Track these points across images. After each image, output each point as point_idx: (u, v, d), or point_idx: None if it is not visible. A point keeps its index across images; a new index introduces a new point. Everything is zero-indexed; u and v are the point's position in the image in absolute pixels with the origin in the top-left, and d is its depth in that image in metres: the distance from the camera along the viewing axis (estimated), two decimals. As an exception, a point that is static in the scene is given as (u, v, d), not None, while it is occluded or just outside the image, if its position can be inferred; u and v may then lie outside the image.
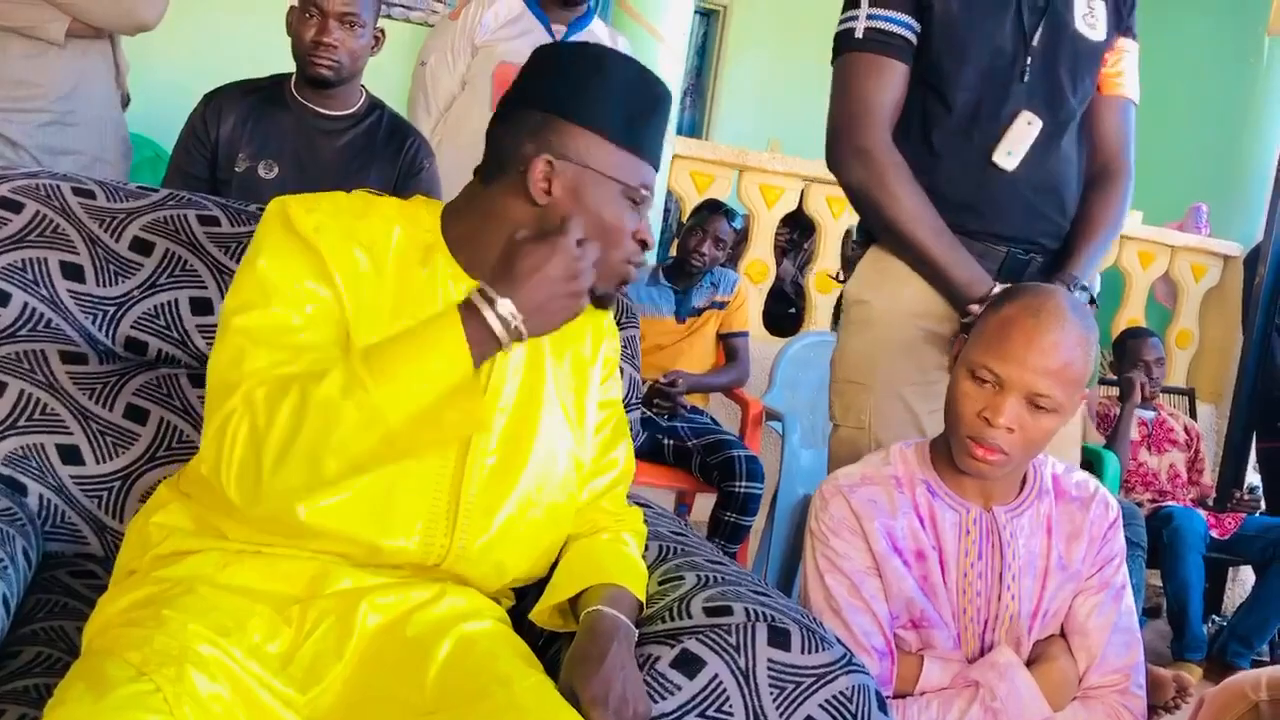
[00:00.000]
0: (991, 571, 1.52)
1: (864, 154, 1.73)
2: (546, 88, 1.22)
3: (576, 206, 1.19)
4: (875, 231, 1.82)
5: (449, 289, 1.21)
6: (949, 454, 1.52)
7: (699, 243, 3.39)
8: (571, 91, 1.21)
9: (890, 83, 1.74)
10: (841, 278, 1.96)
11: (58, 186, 1.50)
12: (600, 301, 1.26)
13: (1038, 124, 1.74)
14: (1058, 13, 1.77)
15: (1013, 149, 1.73)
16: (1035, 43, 1.74)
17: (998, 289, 1.69)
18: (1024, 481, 1.56)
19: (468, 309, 1.10)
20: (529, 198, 1.19)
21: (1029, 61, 1.74)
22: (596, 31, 2.73)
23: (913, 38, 1.73)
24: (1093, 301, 1.80)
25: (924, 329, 1.76)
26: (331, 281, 1.15)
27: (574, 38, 2.64)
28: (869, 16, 1.74)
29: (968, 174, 1.75)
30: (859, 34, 1.74)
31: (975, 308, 1.66)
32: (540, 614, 1.27)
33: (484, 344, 1.10)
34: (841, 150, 1.77)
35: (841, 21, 1.78)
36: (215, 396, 1.12)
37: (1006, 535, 1.52)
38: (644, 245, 1.25)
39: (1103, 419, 3.84)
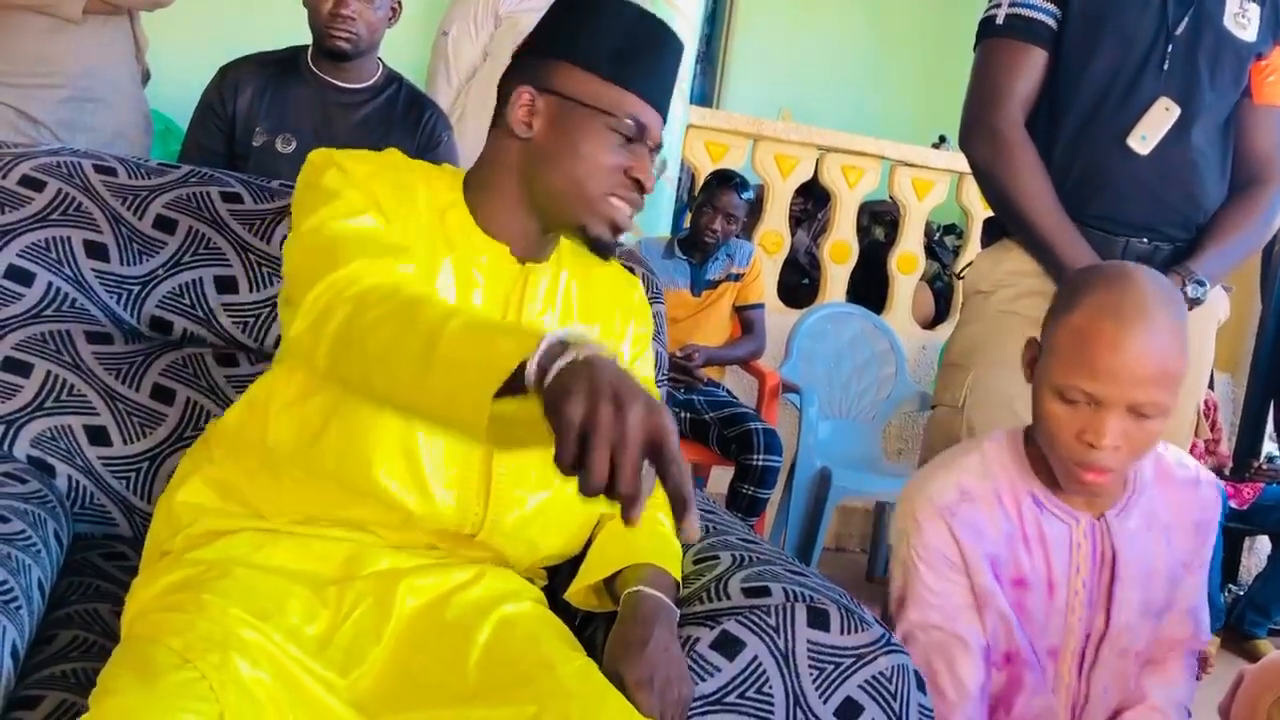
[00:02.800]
0: (1100, 586, 1.38)
1: (992, 132, 1.77)
2: (542, 30, 1.24)
3: (556, 138, 1.18)
4: (997, 212, 1.85)
5: (465, 242, 1.20)
6: (1047, 462, 1.37)
7: (710, 219, 3.36)
8: (562, 30, 1.22)
9: (1027, 68, 1.77)
10: (961, 273, 2.00)
11: (79, 164, 1.48)
12: (596, 246, 1.21)
13: (1175, 111, 1.74)
14: (1205, 7, 1.77)
15: (1147, 133, 1.74)
16: (1178, 32, 1.75)
17: None
18: (1126, 477, 1.42)
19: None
20: (515, 134, 1.19)
21: (1169, 50, 1.75)
22: None
23: (1053, 23, 1.75)
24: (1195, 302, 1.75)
25: (1034, 320, 1.75)
26: (387, 217, 1.15)
27: None
28: (1011, 4, 1.78)
29: (1093, 157, 1.76)
30: (1000, 20, 1.78)
31: None
32: (576, 594, 1.26)
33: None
34: (972, 131, 1.81)
35: (986, 9, 1.82)
36: (311, 264, 1.06)
37: (1121, 543, 1.37)
38: (639, 186, 1.19)
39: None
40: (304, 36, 2.26)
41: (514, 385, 0.84)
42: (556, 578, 1.34)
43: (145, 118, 2.45)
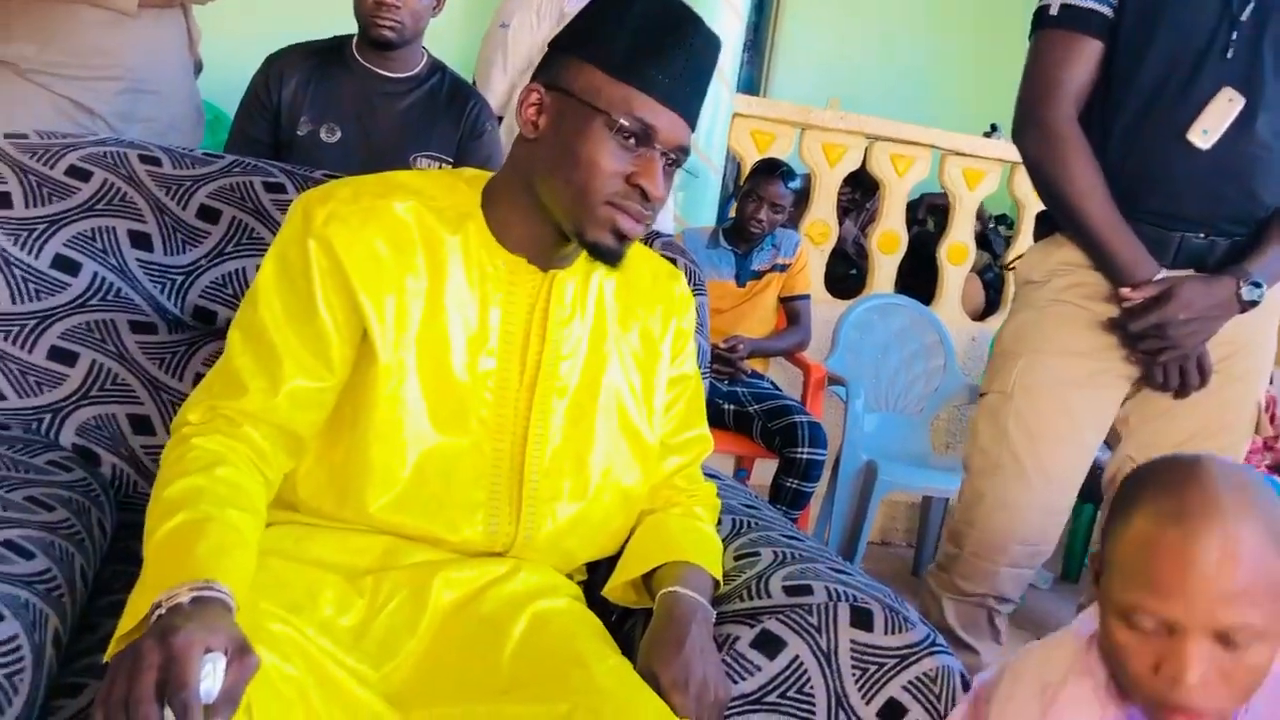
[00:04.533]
0: None
1: (1044, 127, 1.73)
2: (568, 25, 1.17)
3: (556, 138, 1.11)
4: (1048, 206, 1.81)
5: (480, 255, 1.16)
6: None
7: (755, 209, 3.32)
8: (583, 23, 1.15)
9: (1080, 60, 1.73)
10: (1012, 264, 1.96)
11: (125, 154, 1.49)
12: (600, 253, 1.13)
13: (1240, 101, 1.69)
14: None
15: (1209, 126, 1.68)
16: (1243, 18, 1.69)
17: (1161, 274, 1.66)
18: None
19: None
20: (524, 136, 1.15)
21: (1234, 37, 1.69)
22: None
23: (1109, 12, 1.71)
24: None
25: (1086, 310, 1.75)
26: (339, 276, 1.10)
27: None
28: None
29: (1149, 151, 1.71)
30: (1054, 10, 1.74)
31: (1128, 291, 1.67)
32: (613, 590, 1.25)
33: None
34: (1024, 125, 1.77)
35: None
36: (219, 370, 1.14)
37: None
38: (643, 194, 1.10)
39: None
40: (350, 26, 2.26)
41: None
42: (595, 572, 1.33)
43: (198, 109, 2.47)
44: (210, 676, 0.83)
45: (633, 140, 1.09)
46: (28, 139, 1.47)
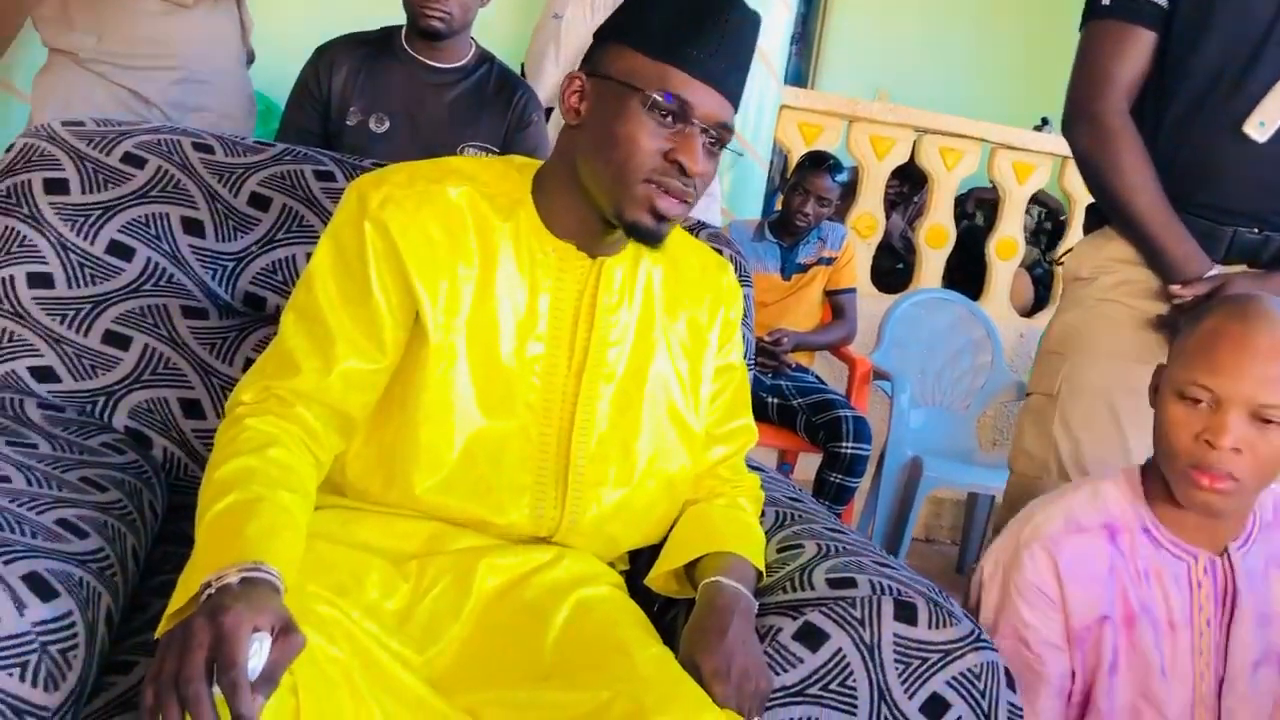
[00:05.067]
0: (1221, 630, 1.30)
1: (1094, 119, 1.70)
2: (609, 19, 1.18)
3: (596, 121, 1.12)
4: (1098, 200, 1.78)
5: (530, 241, 1.17)
6: (1166, 492, 1.32)
7: (801, 202, 3.30)
8: (623, 14, 1.15)
9: (1132, 51, 1.69)
10: (1062, 259, 1.93)
11: (179, 142, 1.51)
12: (639, 233, 1.13)
13: None
14: None
15: (1266, 118, 1.64)
16: None
17: (1213, 270, 1.63)
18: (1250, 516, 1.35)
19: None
20: (568, 123, 1.15)
21: None
22: None
23: (1163, 2, 1.67)
24: None
25: (1134, 309, 1.72)
26: (393, 259, 1.12)
27: None
28: None
29: (1202, 144, 1.68)
30: (1106, 0, 1.70)
31: (1178, 288, 1.63)
32: (655, 579, 1.25)
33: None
34: (1073, 116, 1.74)
35: None
36: (273, 351, 1.15)
37: (1242, 583, 1.30)
38: (682, 169, 1.09)
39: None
40: (400, 17, 2.28)
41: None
42: (638, 560, 1.33)
43: (249, 99, 2.51)
44: (256, 655, 0.84)
45: (670, 117, 1.09)
46: (85, 126, 1.49)
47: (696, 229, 1.70)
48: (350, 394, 1.12)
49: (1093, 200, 1.83)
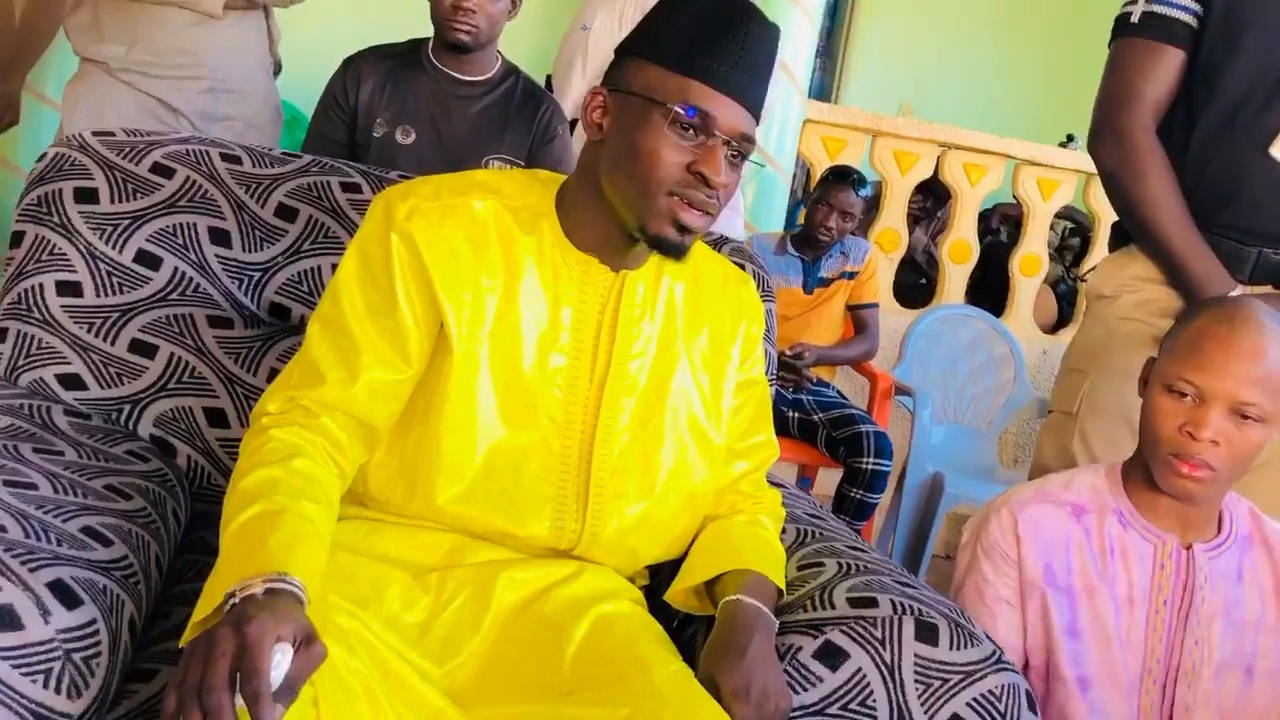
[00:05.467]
0: (1177, 616, 1.39)
1: (1119, 137, 1.70)
2: (630, 35, 1.19)
3: (618, 135, 1.12)
4: (1122, 218, 1.78)
5: (554, 254, 1.18)
6: (1144, 480, 1.41)
7: (825, 217, 3.29)
8: (643, 29, 1.16)
9: (1160, 69, 1.69)
10: (1086, 276, 1.93)
11: (207, 152, 1.53)
12: (662, 246, 1.13)
13: None
14: None
15: None
16: None
17: (1238, 291, 1.63)
18: (1220, 521, 1.44)
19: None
20: (591, 139, 1.16)
21: None
22: None
23: (1193, 21, 1.67)
24: None
25: (1156, 328, 1.71)
26: (419, 270, 1.13)
27: None
28: (1148, 0, 1.70)
29: (1228, 164, 1.67)
30: (1135, 18, 1.71)
31: None
32: (675, 595, 1.25)
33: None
34: (1100, 134, 1.74)
35: (1122, 6, 1.75)
36: (300, 359, 1.15)
37: (1200, 578, 1.39)
38: (704, 180, 1.09)
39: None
40: (427, 29, 2.29)
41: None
42: (658, 576, 1.33)
43: (276, 108, 2.53)
44: (279, 665, 0.84)
45: (692, 130, 1.09)
46: (115, 136, 1.51)
47: (720, 243, 1.70)
48: (375, 404, 1.13)
49: (1117, 218, 1.82)
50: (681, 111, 1.08)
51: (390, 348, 1.13)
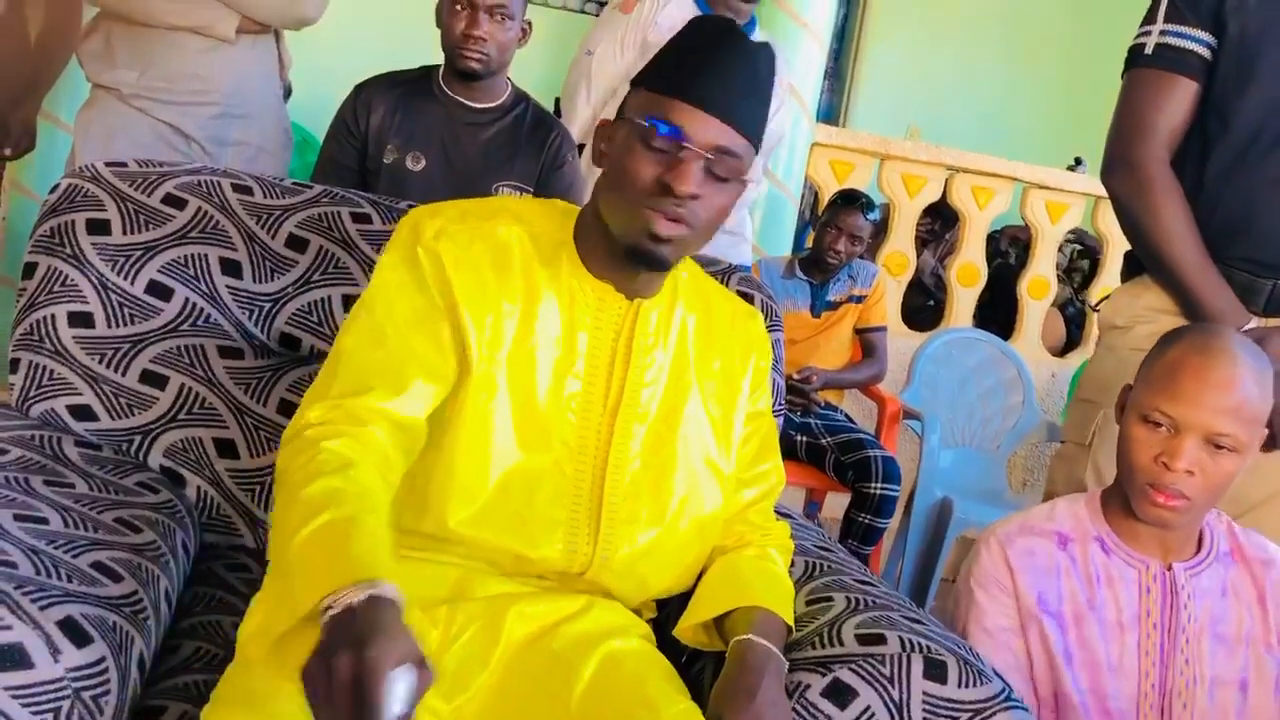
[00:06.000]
0: (1167, 635, 1.42)
1: (1133, 168, 1.70)
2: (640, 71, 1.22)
3: (609, 159, 1.16)
4: (1136, 249, 1.79)
5: (571, 282, 1.19)
6: (1123, 507, 1.43)
7: (834, 240, 3.29)
8: (648, 63, 1.19)
9: (1174, 101, 1.70)
10: (1097, 306, 1.94)
11: (218, 183, 1.54)
12: (641, 257, 1.14)
13: None
14: None
15: None
16: None
17: (1252, 323, 1.63)
18: (1200, 540, 1.47)
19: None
20: (597, 168, 1.19)
21: None
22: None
23: (1207, 53, 1.68)
24: None
25: None
26: (443, 283, 1.14)
27: None
28: (1162, 32, 1.70)
29: (1242, 195, 1.68)
30: (1149, 50, 1.71)
31: None
32: (684, 631, 1.25)
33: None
34: (1113, 165, 1.75)
35: (1135, 37, 1.75)
36: (329, 371, 1.13)
37: (1184, 596, 1.42)
38: (665, 189, 1.10)
39: None
40: (438, 53, 2.30)
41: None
42: (666, 609, 1.33)
43: (286, 132, 2.55)
44: (400, 698, 0.82)
45: (663, 144, 1.11)
46: (127, 167, 1.52)
47: (729, 272, 1.70)
48: (421, 411, 1.13)
49: (1130, 247, 1.82)
50: (650, 126, 1.11)
51: (431, 355, 1.13)
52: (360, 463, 1.05)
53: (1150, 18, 1.73)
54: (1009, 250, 5.04)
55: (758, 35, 2.70)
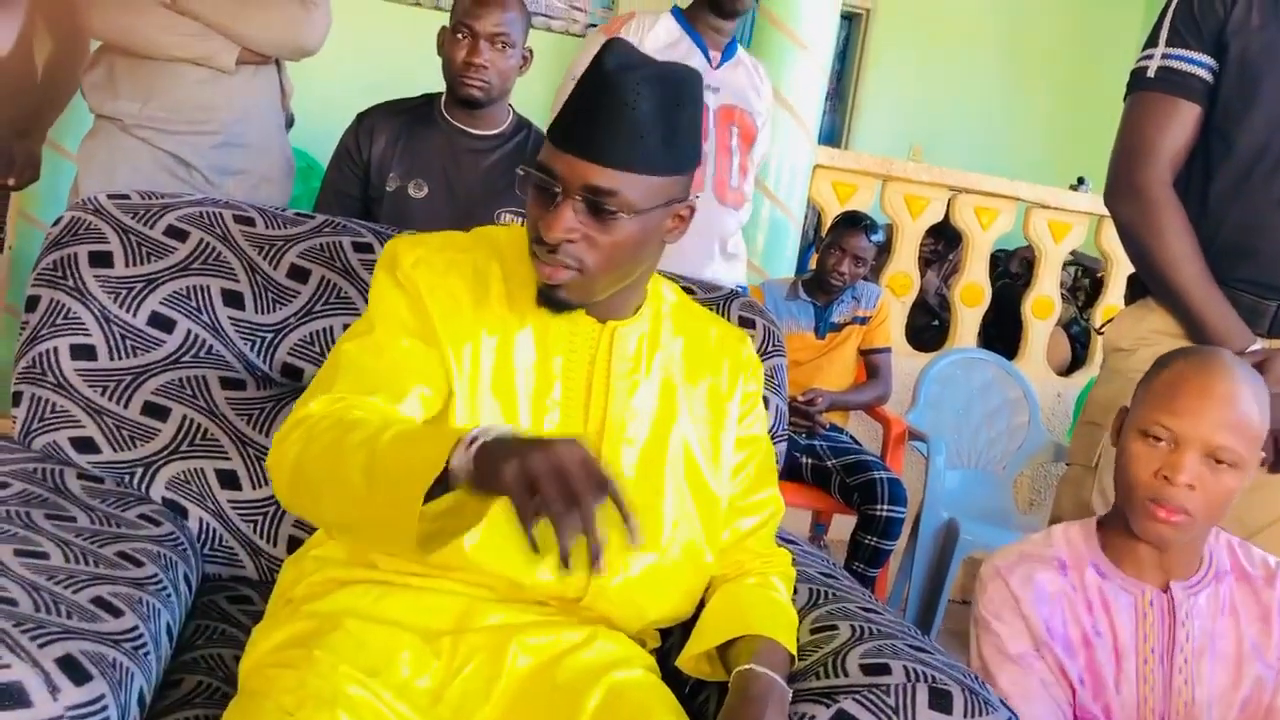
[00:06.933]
0: (1165, 661, 1.41)
1: (1136, 191, 1.71)
2: None
3: None
4: (1140, 273, 1.79)
5: (545, 311, 1.19)
6: (1122, 530, 1.42)
7: (837, 262, 3.29)
8: None
9: (1176, 123, 1.70)
10: (1102, 329, 1.94)
11: (220, 214, 1.54)
12: (542, 302, 1.17)
13: None
14: None
15: None
16: None
17: (1256, 345, 1.63)
18: (1201, 561, 1.45)
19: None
20: None
21: None
22: (743, 61, 2.68)
23: (1209, 76, 1.68)
24: None
25: None
26: (423, 312, 1.18)
27: (723, 68, 2.60)
28: (1164, 55, 1.71)
29: (1246, 218, 1.68)
30: (1151, 73, 1.72)
31: None
32: (686, 661, 1.24)
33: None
34: (1117, 188, 1.75)
35: (1138, 60, 1.76)
36: (320, 375, 1.18)
37: (1182, 615, 1.41)
38: (537, 236, 1.12)
39: None
40: (440, 80, 2.31)
41: (440, 485, 0.96)
42: (669, 639, 1.32)
43: (288, 160, 2.56)
44: None
45: (540, 190, 1.13)
46: (129, 199, 1.53)
47: (730, 298, 1.70)
48: (419, 416, 1.15)
49: (1134, 270, 1.82)
50: (525, 172, 1.14)
51: (432, 365, 1.16)
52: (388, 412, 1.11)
53: (1152, 41, 1.74)
54: (1019, 273, 5.04)
55: (744, 56, 2.71)
